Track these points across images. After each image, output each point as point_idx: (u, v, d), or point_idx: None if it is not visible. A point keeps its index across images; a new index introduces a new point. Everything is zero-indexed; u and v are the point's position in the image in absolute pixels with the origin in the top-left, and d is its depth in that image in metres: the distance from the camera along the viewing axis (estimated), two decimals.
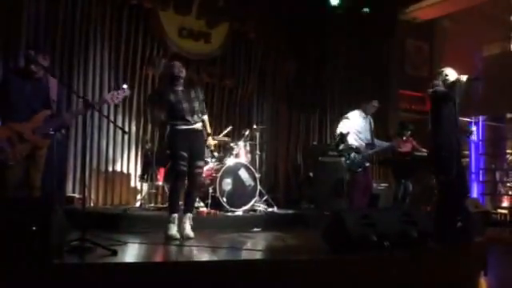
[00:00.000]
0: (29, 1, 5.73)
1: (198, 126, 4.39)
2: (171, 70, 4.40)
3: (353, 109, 5.85)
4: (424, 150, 6.13)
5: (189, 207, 4.39)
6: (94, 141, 6.21)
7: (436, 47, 9.41)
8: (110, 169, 6.36)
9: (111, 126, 6.21)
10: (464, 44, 8.65)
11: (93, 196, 6.12)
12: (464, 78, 4.24)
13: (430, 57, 9.44)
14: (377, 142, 5.84)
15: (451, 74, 4.33)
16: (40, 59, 3.69)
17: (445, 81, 4.31)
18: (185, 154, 4.24)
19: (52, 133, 3.69)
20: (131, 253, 3.68)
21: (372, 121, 5.82)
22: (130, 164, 6.52)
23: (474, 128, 4.93)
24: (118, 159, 6.43)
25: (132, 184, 6.53)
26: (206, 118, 4.56)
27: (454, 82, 4.26)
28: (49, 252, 2.79)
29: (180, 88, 4.38)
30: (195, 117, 4.36)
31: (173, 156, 4.30)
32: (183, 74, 4.37)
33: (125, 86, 3.85)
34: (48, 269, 2.76)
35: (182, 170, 4.25)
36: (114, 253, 3.27)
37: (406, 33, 9.05)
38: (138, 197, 6.41)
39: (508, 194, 8.48)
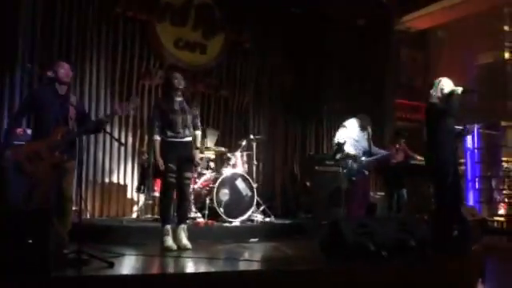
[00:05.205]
0: (25, 13, 5.75)
1: (188, 139, 4.41)
2: (171, 80, 4.43)
3: (350, 117, 5.87)
4: (418, 157, 6.16)
5: (182, 218, 4.40)
6: (91, 152, 6.20)
7: (430, 57, 9.48)
8: (107, 180, 6.35)
9: (107, 137, 6.21)
10: (458, 53, 8.73)
11: (89, 208, 6.10)
12: (459, 89, 4.26)
13: (425, 66, 9.51)
14: (374, 150, 5.85)
15: (447, 84, 4.35)
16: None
17: (441, 90, 4.33)
18: (173, 167, 4.26)
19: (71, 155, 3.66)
20: (128, 265, 3.66)
21: (370, 129, 5.83)
22: (126, 175, 6.50)
23: (469, 126, 4.93)
24: (115, 171, 6.42)
25: (128, 195, 6.51)
26: (198, 133, 4.58)
27: (450, 94, 4.28)
28: (46, 264, 2.77)
29: (177, 99, 4.40)
30: (186, 131, 4.38)
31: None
32: (182, 86, 4.41)
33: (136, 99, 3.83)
34: (45, 281, 2.74)
35: (171, 182, 4.28)
36: (111, 265, 3.26)
37: (401, 42, 9.13)
38: (135, 208, 6.39)
39: (504, 202, 8.49)
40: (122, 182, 6.47)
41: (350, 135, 5.65)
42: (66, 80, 3.76)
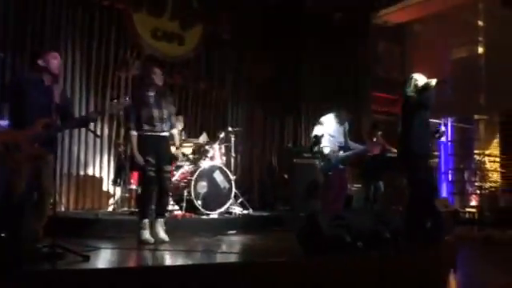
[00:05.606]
0: None
1: (165, 133, 4.38)
2: (149, 75, 4.36)
3: (327, 112, 5.88)
4: (395, 150, 6.24)
5: (161, 212, 4.37)
6: (65, 144, 6.08)
7: (407, 50, 9.62)
8: (82, 173, 6.25)
9: (83, 129, 6.08)
10: (434, 47, 8.88)
11: (64, 201, 6.00)
12: (433, 81, 4.36)
13: (402, 60, 9.65)
14: (351, 144, 5.90)
15: (420, 78, 4.44)
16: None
17: (415, 86, 4.41)
18: (152, 160, 4.23)
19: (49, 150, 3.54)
20: (104, 258, 3.63)
21: (347, 124, 5.87)
22: (102, 168, 6.41)
23: (443, 129, 5.06)
24: (90, 163, 6.32)
25: (104, 188, 6.43)
26: (175, 131, 4.56)
27: (424, 87, 4.36)
28: (20, 259, 2.72)
29: (152, 94, 4.35)
30: (164, 125, 4.34)
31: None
32: (161, 82, 4.37)
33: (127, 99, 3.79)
34: (19, 276, 2.69)
35: (151, 176, 4.24)
36: (87, 258, 3.22)
37: (378, 36, 9.23)
38: (111, 201, 6.32)
39: (476, 193, 8.73)
40: (97, 175, 6.38)
41: (327, 131, 5.67)
42: (57, 72, 3.63)
